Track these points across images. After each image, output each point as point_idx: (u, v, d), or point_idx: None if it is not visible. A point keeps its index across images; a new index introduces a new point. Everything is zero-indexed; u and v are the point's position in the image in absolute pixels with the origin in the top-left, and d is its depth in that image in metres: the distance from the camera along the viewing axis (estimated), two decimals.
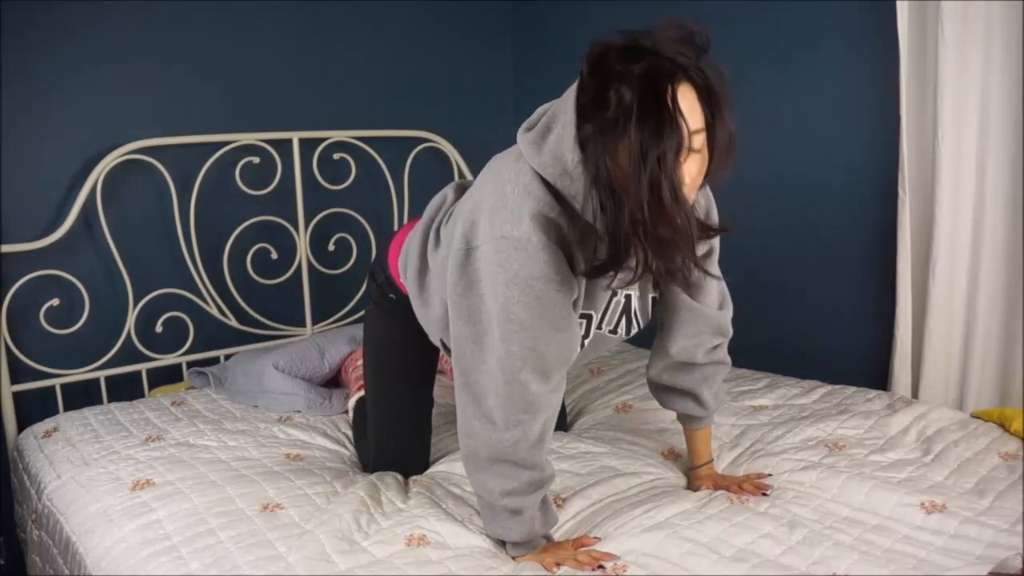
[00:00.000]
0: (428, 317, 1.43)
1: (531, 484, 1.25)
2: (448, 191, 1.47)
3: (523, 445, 1.23)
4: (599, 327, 1.35)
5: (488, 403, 1.22)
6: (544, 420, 1.24)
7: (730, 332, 1.48)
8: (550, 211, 1.15)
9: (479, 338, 1.21)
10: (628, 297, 1.35)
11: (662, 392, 1.55)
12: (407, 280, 1.47)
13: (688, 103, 1.06)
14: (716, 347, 1.48)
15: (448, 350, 1.43)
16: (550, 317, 1.18)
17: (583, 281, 1.24)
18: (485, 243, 1.17)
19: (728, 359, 1.51)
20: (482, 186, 1.23)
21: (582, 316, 1.29)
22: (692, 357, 1.46)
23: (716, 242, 1.41)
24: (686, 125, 1.05)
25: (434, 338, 1.46)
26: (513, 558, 1.29)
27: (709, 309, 1.42)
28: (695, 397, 1.49)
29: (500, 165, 1.22)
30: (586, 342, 1.35)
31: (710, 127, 1.10)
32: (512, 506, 1.25)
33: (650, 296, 1.40)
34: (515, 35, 2.91)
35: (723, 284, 1.47)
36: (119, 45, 2.17)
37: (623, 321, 1.37)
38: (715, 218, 1.39)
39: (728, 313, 1.47)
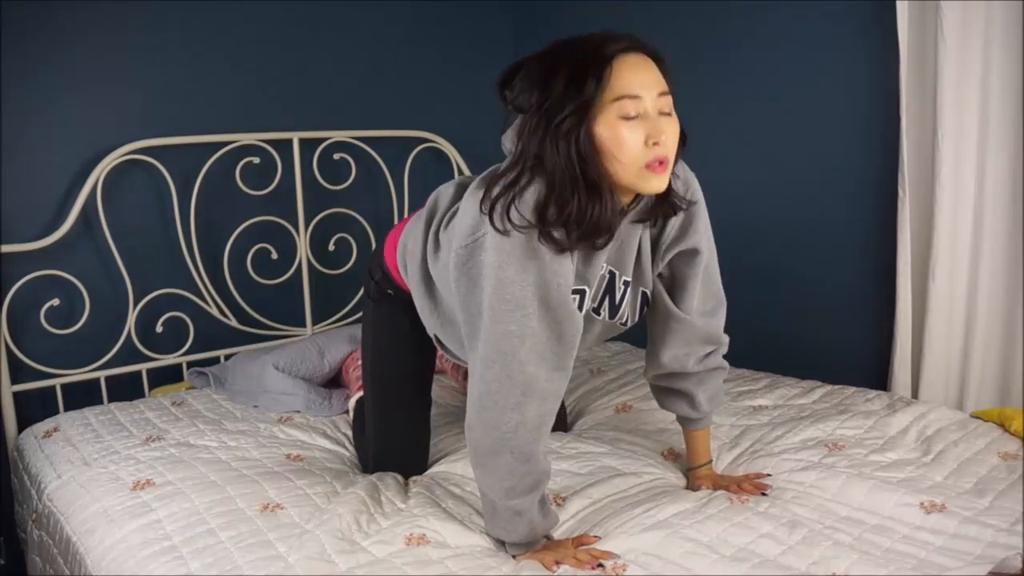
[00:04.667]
0: (433, 319, 1.44)
1: (529, 479, 1.25)
2: (448, 190, 1.46)
3: (522, 431, 1.22)
4: (590, 304, 1.34)
5: (490, 388, 1.22)
6: (540, 406, 1.23)
7: (722, 339, 1.48)
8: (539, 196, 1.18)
9: (480, 327, 1.23)
10: (613, 275, 1.34)
11: (659, 393, 1.56)
12: (409, 279, 1.47)
13: (630, 68, 1.14)
14: (708, 355, 1.48)
15: (442, 345, 1.45)
16: (541, 296, 1.19)
17: (576, 256, 1.24)
18: (482, 235, 1.20)
19: (724, 364, 1.51)
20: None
21: (575, 291, 1.28)
22: (684, 366, 1.46)
23: (708, 244, 1.40)
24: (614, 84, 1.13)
25: (431, 331, 1.47)
26: (513, 557, 1.29)
27: (694, 318, 1.42)
28: (689, 400, 1.50)
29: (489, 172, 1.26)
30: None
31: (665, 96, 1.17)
32: (513, 506, 1.25)
33: (640, 291, 1.39)
34: (515, 35, 2.91)
35: (718, 288, 1.46)
36: (119, 45, 2.17)
37: (606, 301, 1.36)
38: (696, 194, 1.38)
39: (719, 320, 1.46)
